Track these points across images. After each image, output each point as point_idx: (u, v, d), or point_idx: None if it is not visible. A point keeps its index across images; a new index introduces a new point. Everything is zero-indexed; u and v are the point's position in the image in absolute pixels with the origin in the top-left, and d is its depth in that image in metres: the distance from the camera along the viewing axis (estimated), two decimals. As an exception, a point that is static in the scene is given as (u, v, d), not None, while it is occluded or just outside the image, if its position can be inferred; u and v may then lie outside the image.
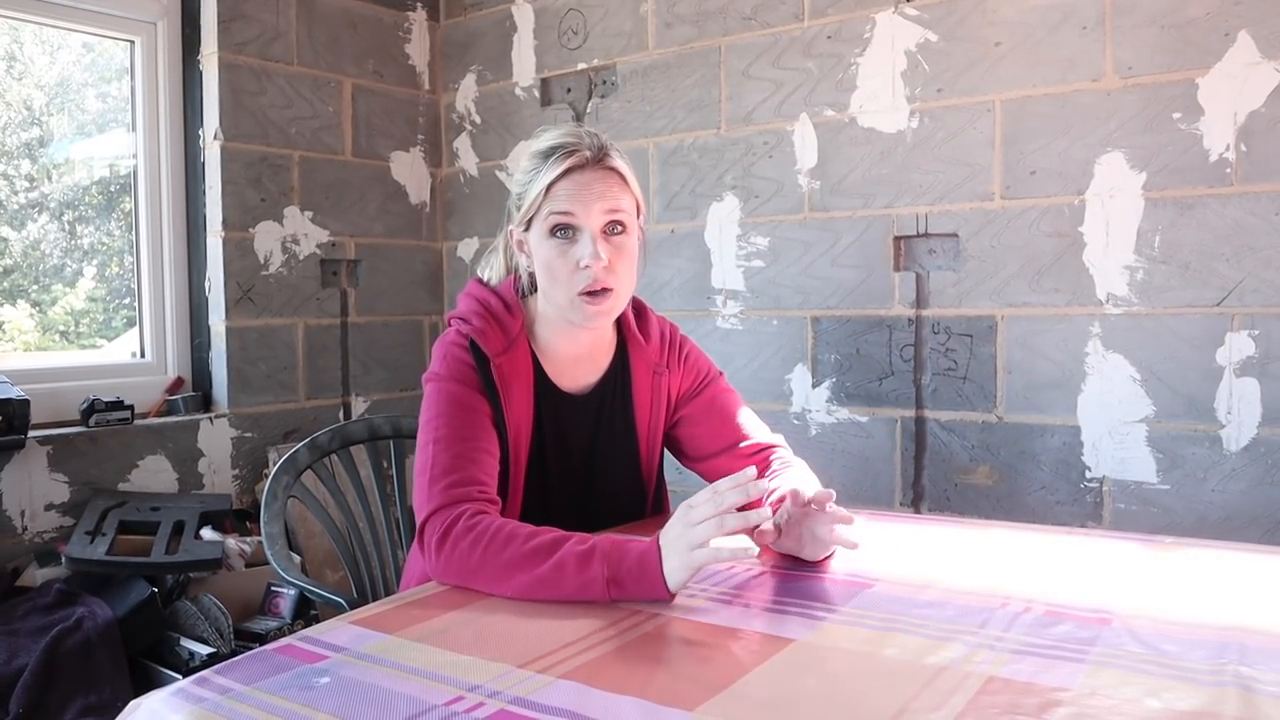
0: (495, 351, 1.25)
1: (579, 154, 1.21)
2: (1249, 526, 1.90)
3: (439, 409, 1.21)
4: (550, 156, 1.22)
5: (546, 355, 1.31)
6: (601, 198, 1.21)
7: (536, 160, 1.24)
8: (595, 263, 1.20)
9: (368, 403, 2.89)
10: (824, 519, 1.12)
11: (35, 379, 2.28)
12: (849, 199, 2.34)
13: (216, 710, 0.76)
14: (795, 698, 0.76)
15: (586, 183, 1.21)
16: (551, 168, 1.21)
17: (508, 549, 1.05)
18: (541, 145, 1.25)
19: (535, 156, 1.25)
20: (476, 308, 1.30)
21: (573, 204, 1.21)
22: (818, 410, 2.40)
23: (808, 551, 1.14)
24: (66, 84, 2.61)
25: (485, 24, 2.97)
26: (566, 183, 1.21)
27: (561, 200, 1.21)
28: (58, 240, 2.59)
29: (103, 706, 1.80)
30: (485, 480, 1.18)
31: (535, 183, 1.22)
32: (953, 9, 2.18)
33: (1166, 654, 0.82)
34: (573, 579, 1.01)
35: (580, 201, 1.21)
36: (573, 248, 1.22)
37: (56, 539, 2.19)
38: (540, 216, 1.23)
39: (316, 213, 2.74)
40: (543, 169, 1.22)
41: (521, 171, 1.27)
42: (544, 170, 1.21)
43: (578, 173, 1.21)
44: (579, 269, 1.21)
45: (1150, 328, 2.00)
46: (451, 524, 1.10)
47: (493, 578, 1.05)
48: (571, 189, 1.21)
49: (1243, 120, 1.88)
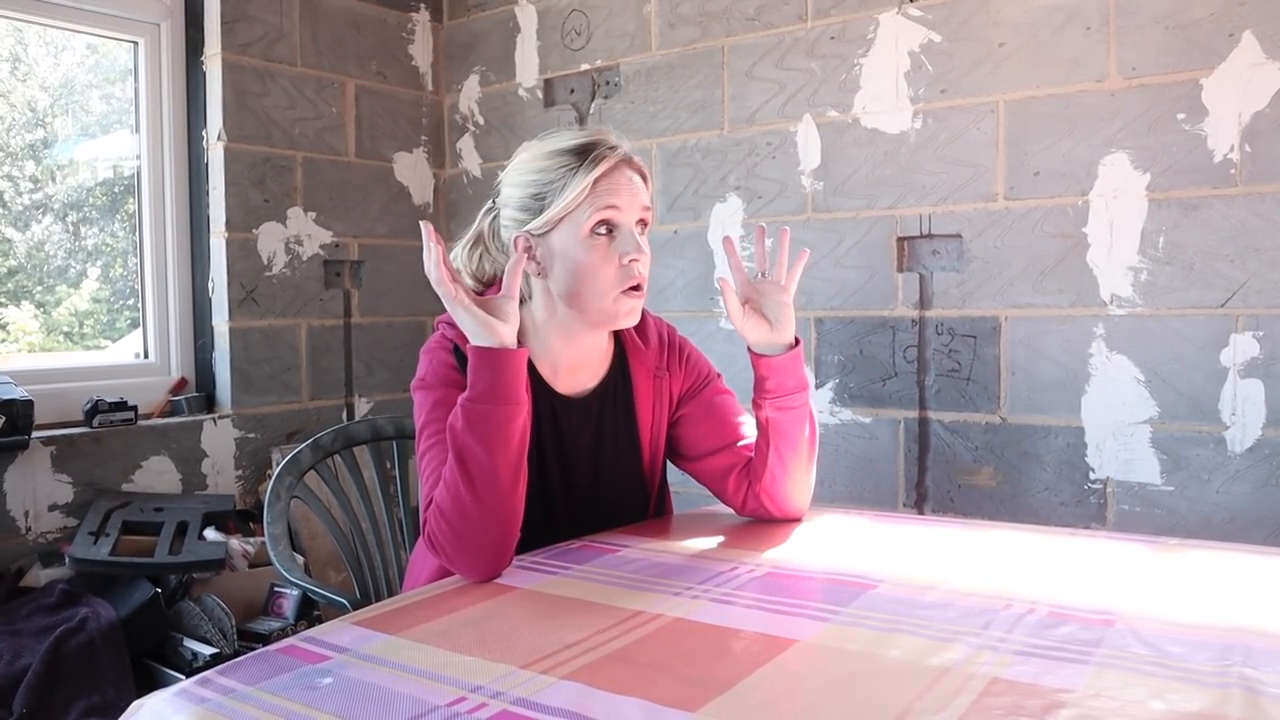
0: None
1: (619, 151, 1.21)
2: (1253, 528, 1.90)
3: (428, 415, 1.21)
4: (587, 155, 1.19)
5: (541, 359, 1.30)
6: (638, 194, 1.22)
7: (564, 159, 1.20)
8: (641, 255, 1.21)
9: (371, 403, 2.89)
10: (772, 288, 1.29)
11: (39, 380, 2.28)
12: (852, 200, 2.34)
13: (219, 711, 0.76)
14: (798, 699, 0.76)
15: (627, 178, 1.22)
16: (594, 164, 1.18)
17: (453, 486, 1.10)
18: (564, 144, 1.22)
19: (558, 155, 1.21)
20: None
21: (618, 198, 1.20)
22: (821, 411, 2.40)
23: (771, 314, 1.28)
24: (70, 85, 2.62)
25: (488, 25, 2.98)
26: (609, 179, 1.20)
27: (606, 196, 1.19)
28: (62, 241, 2.60)
29: (106, 707, 1.80)
30: None
31: (572, 182, 1.19)
32: (956, 10, 2.18)
33: (1171, 655, 0.82)
34: (465, 434, 1.09)
35: (626, 196, 1.21)
36: (613, 244, 1.21)
37: (60, 539, 2.20)
38: (578, 216, 1.20)
39: (320, 214, 2.75)
40: (578, 167, 1.19)
41: (536, 172, 1.22)
42: (583, 168, 1.19)
43: (617, 170, 1.21)
44: (622, 265, 1.21)
45: (1154, 329, 1.99)
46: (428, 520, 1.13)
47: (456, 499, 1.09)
48: (614, 184, 1.20)
49: (1247, 121, 1.88)
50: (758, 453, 1.31)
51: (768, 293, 1.28)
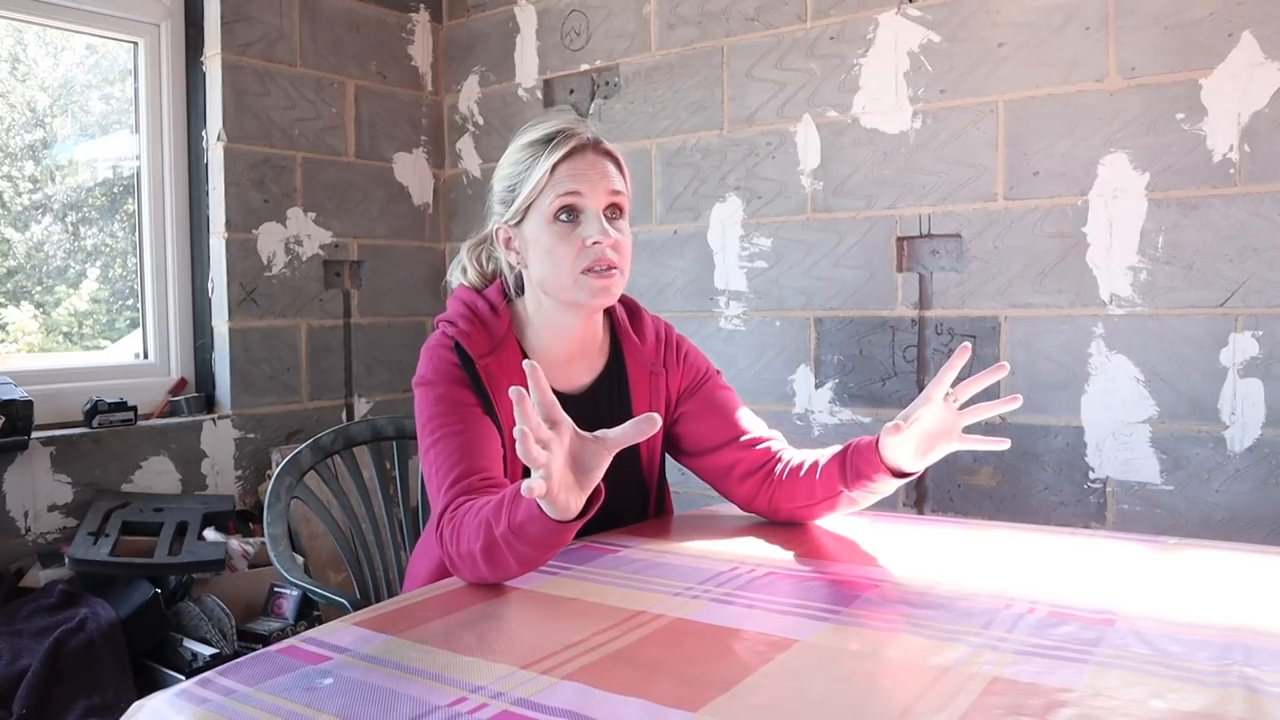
0: (480, 353, 1.24)
1: (579, 136, 1.21)
2: (1253, 527, 1.90)
3: (432, 411, 1.21)
4: (550, 142, 1.21)
5: (537, 355, 1.30)
6: (604, 178, 1.22)
7: (532, 149, 1.22)
8: (604, 238, 1.20)
9: (371, 404, 2.89)
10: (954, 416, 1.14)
11: (39, 380, 2.28)
12: (852, 200, 2.34)
13: (220, 711, 0.76)
14: (799, 699, 0.76)
15: (590, 163, 1.22)
16: (554, 151, 1.20)
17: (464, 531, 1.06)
18: (534, 135, 1.23)
19: (529, 146, 1.23)
20: (462, 310, 1.30)
21: (579, 183, 1.20)
22: (820, 411, 2.40)
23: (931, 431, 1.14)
24: (70, 85, 2.61)
25: (488, 25, 2.98)
26: (570, 164, 1.20)
27: (566, 181, 1.20)
28: (61, 241, 2.60)
29: (106, 707, 1.80)
30: (486, 465, 1.17)
31: (535, 169, 1.21)
32: (955, 10, 2.18)
33: (1171, 655, 0.82)
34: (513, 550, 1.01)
35: (586, 181, 1.21)
36: (576, 229, 1.21)
37: (60, 540, 2.20)
38: (541, 202, 1.21)
39: (319, 214, 2.75)
40: (542, 155, 1.20)
41: (511, 164, 1.25)
42: (544, 155, 1.20)
43: (579, 155, 1.21)
44: (585, 247, 1.20)
45: (1154, 328, 1.99)
46: (446, 524, 1.11)
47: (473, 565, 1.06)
48: (576, 170, 1.20)
49: (1246, 120, 1.88)
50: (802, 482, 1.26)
51: (945, 428, 1.14)
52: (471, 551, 1.04)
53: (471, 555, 1.05)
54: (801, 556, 1.18)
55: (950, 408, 1.15)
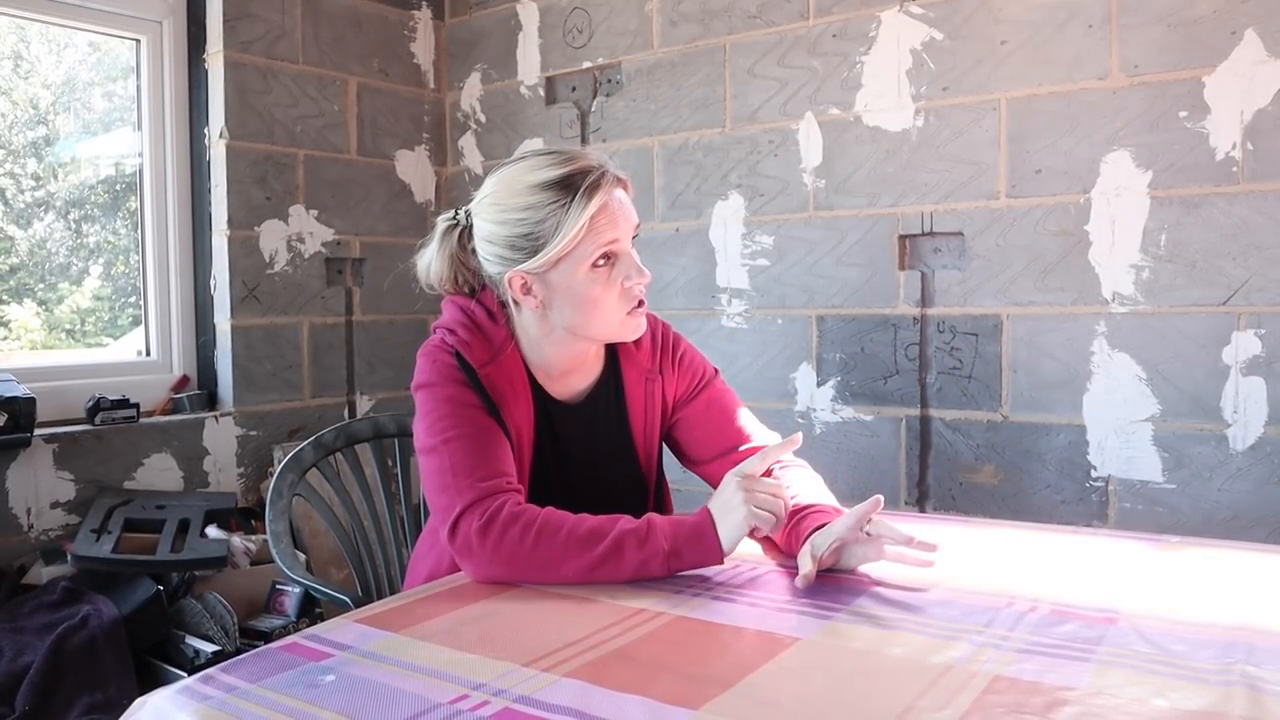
0: (480, 362, 1.22)
1: (605, 176, 1.17)
2: (1255, 526, 1.90)
3: (441, 411, 1.18)
4: (575, 187, 1.14)
5: (535, 365, 1.29)
6: (630, 215, 1.20)
7: (552, 193, 1.15)
8: (642, 278, 1.20)
9: (372, 401, 2.89)
10: (870, 543, 1.10)
11: (41, 377, 2.29)
12: (854, 198, 2.34)
13: (222, 708, 0.76)
14: (800, 697, 0.76)
15: (619, 202, 1.19)
16: (585, 198, 1.14)
17: (560, 534, 1.07)
18: (547, 176, 1.16)
19: (546, 190, 1.15)
20: (461, 318, 1.26)
21: (615, 230, 1.17)
22: (822, 409, 2.40)
23: (843, 564, 1.11)
24: (72, 83, 2.62)
25: (490, 23, 2.98)
26: (604, 211, 1.16)
27: (606, 230, 1.16)
28: (64, 239, 2.60)
29: (108, 704, 1.80)
30: (509, 470, 1.16)
31: (566, 220, 1.14)
32: (958, 7, 2.17)
33: (1173, 653, 0.82)
34: (633, 556, 1.06)
35: (620, 225, 1.18)
36: (613, 271, 1.19)
37: (62, 537, 2.20)
38: (578, 253, 1.16)
39: (321, 211, 2.75)
40: (568, 202, 1.14)
41: (525, 209, 1.16)
42: (575, 204, 1.14)
43: (605, 194, 1.16)
44: (625, 290, 1.20)
45: (1156, 327, 1.99)
46: (493, 516, 1.08)
47: (547, 565, 1.07)
48: (610, 215, 1.17)
49: (1249, 119, 1.88)
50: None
51: (863, 550, 1.11)
52: (549, 556, 1.07)
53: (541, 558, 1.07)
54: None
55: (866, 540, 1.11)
